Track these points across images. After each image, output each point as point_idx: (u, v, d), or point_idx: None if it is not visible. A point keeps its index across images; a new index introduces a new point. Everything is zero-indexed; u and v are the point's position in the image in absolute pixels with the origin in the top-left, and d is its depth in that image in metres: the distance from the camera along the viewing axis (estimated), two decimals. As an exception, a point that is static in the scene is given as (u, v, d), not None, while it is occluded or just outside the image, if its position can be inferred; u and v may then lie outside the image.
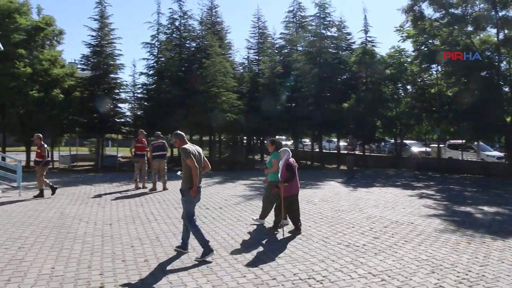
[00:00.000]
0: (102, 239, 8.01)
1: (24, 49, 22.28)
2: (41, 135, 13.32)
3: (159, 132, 15.93)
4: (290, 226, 9.07)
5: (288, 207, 8.65)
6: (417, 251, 7.33)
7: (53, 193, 13.36)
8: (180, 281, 5.78)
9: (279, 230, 8.77)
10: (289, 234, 8.52)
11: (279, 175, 8.73)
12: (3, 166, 14.69)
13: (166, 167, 15.27)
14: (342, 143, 33.82)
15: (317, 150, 30.38)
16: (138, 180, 15.47)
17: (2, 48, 15.16)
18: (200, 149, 7.29)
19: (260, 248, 7.44)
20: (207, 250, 6.78)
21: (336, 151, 30.18)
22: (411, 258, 6.87)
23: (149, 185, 15.28)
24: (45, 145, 13.33)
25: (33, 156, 16.52)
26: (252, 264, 6.54)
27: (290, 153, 8.86)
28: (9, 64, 21.23)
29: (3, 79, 21.02)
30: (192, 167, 6.80)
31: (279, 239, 8.23)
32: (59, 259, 6.72)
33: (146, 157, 15.67)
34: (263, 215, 9.44)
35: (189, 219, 7.02)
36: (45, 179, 13.37)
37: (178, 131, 7.33)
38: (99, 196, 13.57)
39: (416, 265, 6.51)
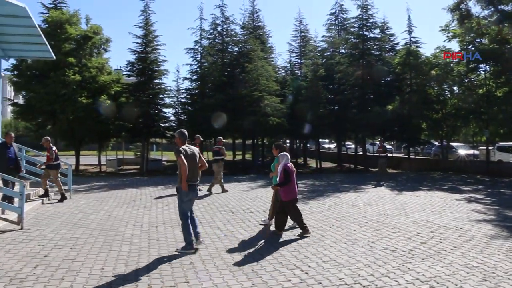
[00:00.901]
0: (148, 241, 8.19)
1: (73, 57, 23.17)
2: (49, 138, 13.59)
3: (221, 137, 16.36)
4: (298, 230, 9.07)
5: (293, 212, 8.76)
6: (467, 257, 7.09)
7: (45, 195, 13.44)
8: (225, 284, 5.83)
9: (309, 232, 8.82)
10: (298, 237, 8.54)
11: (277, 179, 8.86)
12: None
13: (221, 171, 15.51)
14: (387, 146, 33.19)
15: (361, 153, 29.99)
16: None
17: (54, 57, 15.78)
18: (195, 149, 7.73)
19: (305, 252, 7.40)
20: (188, 247, 7.33)
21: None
22: (461, 265, 6.66)
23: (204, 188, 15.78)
24: (54, 148, 13.49)
25: (82, 160, 17.17)
26: (298, 268, 6.52)
27: (289, 158, 8.93)
28: (60, 72, 22.16)
29: (55, 86, 21.94)
30: (181, 164, 7.23)
31: (279, 241, 8.25)
32: (108, 260, 6.92)
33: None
34: (271, 216, 9.38)
35: (184, 214, 7.51)
36: (47, 183, 13.55)
37: (184, 131, 7.76)
38: (145, 199, 13.89)
39: (466, 272, 6.30)
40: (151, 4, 26.45)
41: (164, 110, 26.67)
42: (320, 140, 32.62)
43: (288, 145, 36.22)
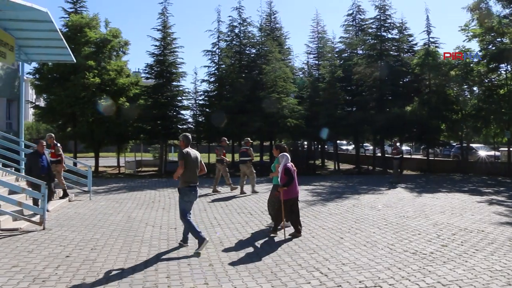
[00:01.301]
0: (167, 243, 8.26)
1: (93, 60, 23.46)
2: (53, 135, 13.70)
3: (248, 139, 16.54)
4: (290, 229, 9.10)
5: (289, 211, 8.82)
6: (489, 260, 6.99)
7: (65, 195, 13.49)
8: (244, 286, 5.86)
9: (278, 233, 8.90)
10: (290, 237, 8.65)
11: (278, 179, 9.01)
12: (75, 172, 15.46)
13: (252, 171, 15.73)
14: (405, 147, 32.89)
15: (379, 154, 29.76)
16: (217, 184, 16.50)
17: (75, 61, 16.05)
18: (197, 154, 8.20)
19: (324, 254, 7.39)
20: (201, 240, 7.59)
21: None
22: (483, 268, 6.56)
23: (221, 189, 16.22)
24: (58, 144, 13.49)
25: (102, 162, 17.35)
26: (317, 270, 6.51)
27: (289, 158, 9.09)
28: (80, 75, 22.49)
29: (75, 89, 22.28)
30: (179, 167, 7.85)
31: (276, 241, 8.31)
32: (128, 261, 7.00)
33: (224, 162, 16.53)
34: (283, 218, 9.23)
35: (184, 214, 7.87)
36: (64, 181, 13.60)
37: (188, 135, 8.21)
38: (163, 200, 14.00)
39: (489, 276, 6.20)
40: (169, 7, 26.64)
41: (182, 112, 26.84)
42: (338, 141, 32.45)
43: (306, 146, 36.17)
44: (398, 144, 20.90)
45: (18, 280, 6.04)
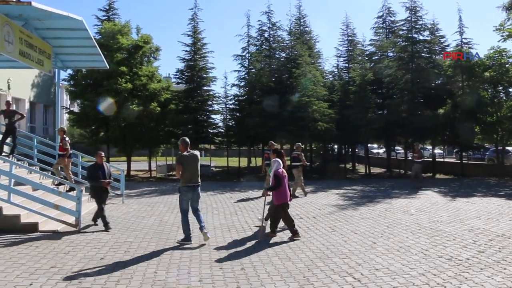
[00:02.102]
0: (199, 246, 8.33)
1: (125, 66, 23.91)
2: (65, 128, 13.93)
3: (299, 143, 16.77)
4: (287, 232, 9.38)
5: (284, 215, 9.09)
6: (530, 268, 6.76)
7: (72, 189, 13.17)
8: (278, 290, 5.86)
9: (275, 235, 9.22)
10: (288, 240, 8.85)
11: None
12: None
13: (300, 176, 15.81)
14: (438, 151, 32.26)
15: (411, 158, 29.26)
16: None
17: (108, 67, 16.41)
18: (197, 154, 8.99)
19: (357, 259, 7.31)
20: (186, 239, 8.59)
21: (431, 159, 28.87)
22: (524, 276, 6.36)
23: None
24: (67, 138, 13.68)
25: (133, 165, 17.60)
26: (350, 275, 6.45)
27: (281, 163, 9.33)
28: (112, 81, 22.96)
29: (108, 95, 22.73)
30: (177, 169, 8.83)
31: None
32: (161, 264, 7.09)
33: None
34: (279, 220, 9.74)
35: (182, 211, 8.84)
36: (70, 172, 13.70)
37: (186, 138, 9.02)
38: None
39: (530, 284, 6.01)
40: (199, 13, 26.90)
41: (213, 116, 27.09)
42: (368, 145, 32.09)
43: (336, 150, 35.93)
44: (419, 147, 20.44)
45: (56, 280, 6.22)
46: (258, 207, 13.40)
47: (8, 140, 14.20)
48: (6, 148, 14.30)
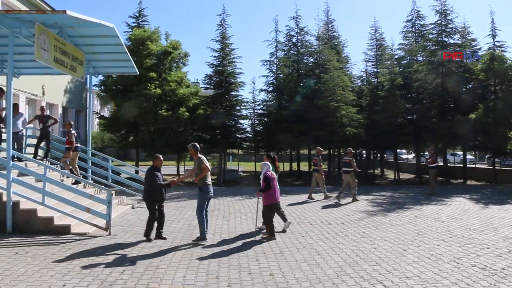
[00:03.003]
0: (228, 251, 8.36)
1: (154, 72, 24.24)
2: (71, 122, 14.25)
3: (351, 149, 17.39)
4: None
5: (269, 216, 9.68)
6: None
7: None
8: (306, 296, 5.83)
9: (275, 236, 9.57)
10: (261, 237, 9.56)
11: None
12: (137, 179, 15.99)
13: (355, 181, 16.28)
14: (469, 156, 31.56)
15: (441, 164, 28.75)
16: (312, 191, 17.10)
17: (138, 73, 16.66)
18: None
19: (387, 266, 7.21)
20: (202, 237, 9.08)
21: (462, 165, 28.30)
22: None
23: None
24: (73, 131, 14.03)
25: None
26: (380, 283, 6.37)
27: (270, 166, 10.10)
28: (142, 86, 23.31)
29: (137, 100, 23.10)
30: (205, 168, 9.32)
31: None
32: (190, 268, 7.15)
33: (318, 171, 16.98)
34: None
35: (201, 210, 9.24)
36: (76, 166, 13.94)
37: (196, 144, 9.70)
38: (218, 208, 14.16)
39: None
40: (227, 18, 27.08)
41: (241, 121, 27.15)
42: (397, 150, 31.66)
43: (364, 156, 35.57)
44: (432, 152, 19.92)
45: (88, 282, 6.34)
46: (287, 212, 13.20)
47: (42, 144, 14.63)
48: (40, 152, 14.76)
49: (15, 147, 12.79)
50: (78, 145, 14.51)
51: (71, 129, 14.25)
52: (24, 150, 14.45)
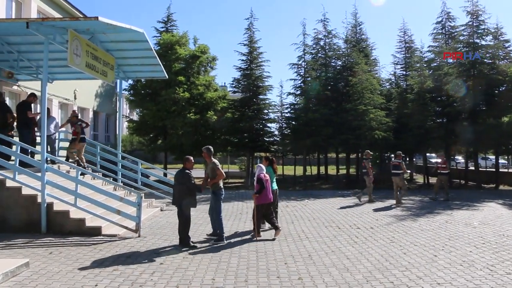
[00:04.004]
0: (256, 254, 8.37)
1: (183, 76, 24.52)
2: (77, 114, 14.75)
3: (400, 152, 17.51)
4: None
5: (258, 215, 10.03)
6: None
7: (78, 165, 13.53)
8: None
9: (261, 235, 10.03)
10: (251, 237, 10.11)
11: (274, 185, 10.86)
12: (166, 182, 16.18)
13: (405, 183, 16.86)
14: (502, 161, 30.76)
15: (472, 168, 28.14)
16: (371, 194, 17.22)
17: (167, 77, 16.89)
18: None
19: (417, 272, 7.10)
20: (221, 238, 9.50)
21: (494, 170, 27.63)
22: None
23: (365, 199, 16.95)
24: (80, 123, 14.38)
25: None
26: (409, 288, 6.29)
27: (264, 169, 10.40)
28: (170, 90, 23.62)
29: (166, 104, 23.43)
30: (220, 175, 9.64)
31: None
32: (218, 271, 7.18)
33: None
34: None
35: (220, 212, 9.75)
36: (82, 157, 14.23)
37: (210, 147, 10.15)
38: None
39: None
40: (255, 22, 27.16)
41: (268, 125, 27.15)
42: (427, 154, 31.12)
43: (392, 159, 35.02)
44: (445, 158, 19.31)
45: (119, 283, 6.46)
46: (315, 216, 13.31)
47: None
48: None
49: (48, 150, 13.15)
50: (85, 136, 14.85)
51: (78, 120, 14.64)
52: (57, 153, 14.82)
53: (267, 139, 26.63)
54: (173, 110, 23.43)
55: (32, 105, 13.53)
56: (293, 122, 26.84)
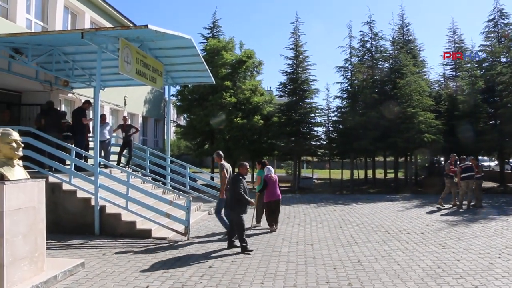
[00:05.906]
0: (305, 259, 8.33)
1: (229, 81, 24.78)
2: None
3: (472, 157, 17.54)
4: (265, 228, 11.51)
5: (269, 211, 11.56)
6: None
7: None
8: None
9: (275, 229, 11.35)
10: (257, 231, 11.15)
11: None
12: (213, 186, 16.37)
13: (456, 187, 16.79)
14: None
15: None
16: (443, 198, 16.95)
17: (214, 82, 17.14)
18: (229, 166, 11.11)
19: (472, 280, 6.84)
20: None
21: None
22: None
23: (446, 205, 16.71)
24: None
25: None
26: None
27: (272, 170, 11.97)
28: (217, 95, 23.93)
29: (213, 109, 23.75)
30: (223, 177, 10.42)
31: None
32: (267, 275, 7.19)
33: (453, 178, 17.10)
34: (258, 219, 12.16)
35: (219, 212, 10.54)
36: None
37: (220, 152, 11.08)
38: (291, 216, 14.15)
39: None
40: (301, 26, 27.10)
41: (315, 128, 26.96)
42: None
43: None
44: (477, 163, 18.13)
45: (169, 285, 6.61)
46: (363, 220, 13.11)
47: (125, 151, 15.48)
48: (122, 159, 15.60)
49: (102, 154, 13.62)
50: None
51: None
52: (108, 157, 15.34)
53: (313, 143, 26.47)
54: (220, 115, 23.70)
55: (86, 111, 14.07)
56: (340, 126, 26.57)
